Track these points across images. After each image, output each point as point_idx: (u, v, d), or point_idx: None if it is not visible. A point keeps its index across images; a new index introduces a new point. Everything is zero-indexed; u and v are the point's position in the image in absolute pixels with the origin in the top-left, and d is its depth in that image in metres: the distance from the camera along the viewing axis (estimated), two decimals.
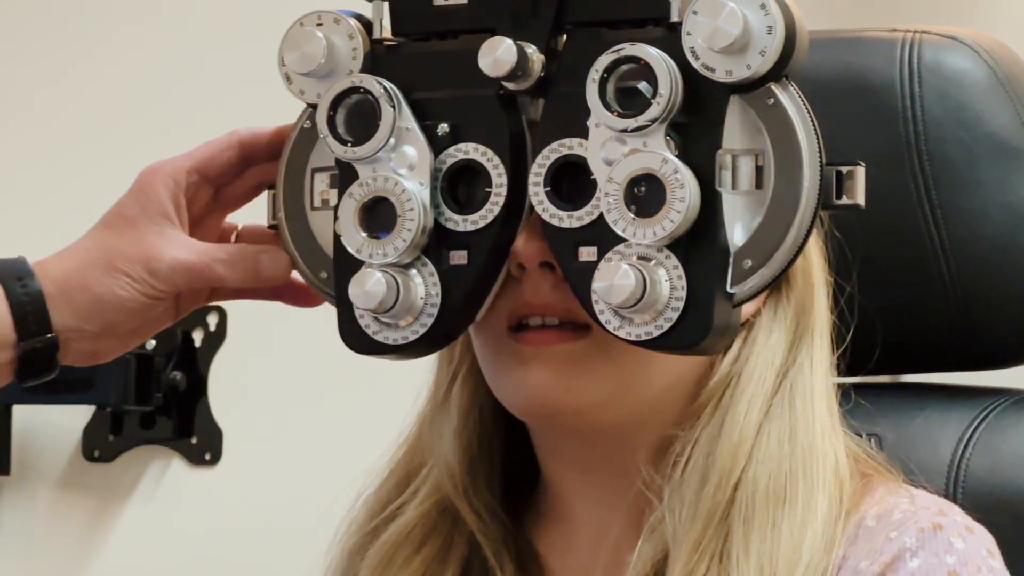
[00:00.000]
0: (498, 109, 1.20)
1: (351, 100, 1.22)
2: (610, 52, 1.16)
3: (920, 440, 1.40)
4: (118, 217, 1.26)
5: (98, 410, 2.03)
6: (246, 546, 1.98)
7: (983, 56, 1.43)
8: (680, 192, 1.14)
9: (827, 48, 1.42)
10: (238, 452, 2.04)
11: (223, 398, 2.03)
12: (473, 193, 1.21)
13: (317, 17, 1.23)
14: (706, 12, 1.14)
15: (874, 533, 1.23)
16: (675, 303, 1.15)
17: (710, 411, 1.25)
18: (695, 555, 1.21)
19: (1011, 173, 1.40)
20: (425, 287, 1.20)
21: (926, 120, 1.41)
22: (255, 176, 1.30)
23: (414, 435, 1.35)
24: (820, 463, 1.24)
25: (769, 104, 1.15)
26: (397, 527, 1.31)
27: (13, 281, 1.24)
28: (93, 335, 1.25)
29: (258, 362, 2.02)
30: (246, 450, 2.04)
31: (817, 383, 1.27)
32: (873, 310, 1.35)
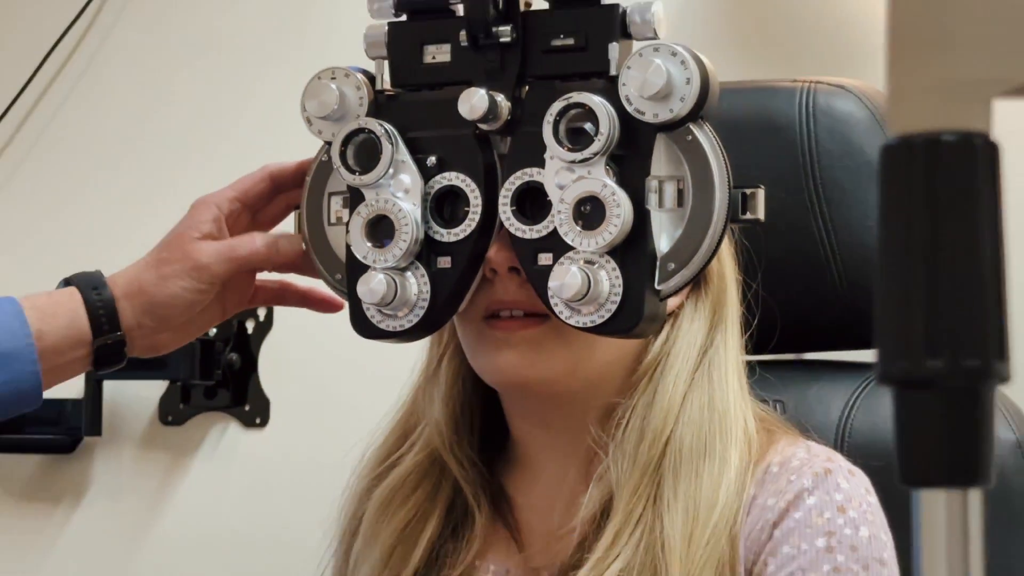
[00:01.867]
0: (475, 145, 1.20)
1: (358, 138, 1.22)
2: (562, 100, 1.16)
3: (814, 405, 1.40)
4: (170, 236, 1.27)
5: (171, 384, 2.03)
6: (288, 493, 1.97)
7: (864, 101, 1.43)
8: (617, 210, 1.14)
9: (742, 95, 1.42)
10: (282, 417, 2.04)
11: (270, 374, 2.03)
12: (455, 211, 1.21)
13: (332, 72, 1.23)
14: (637, 68, 1.14)
15: (777, 477, 1.23)
16: (614, 297, 1.15)
17: (645, 383, 1.25)
18: (634, 498, 1.22)
19: None
20: (418, 286, 1.20)
21: (820, 152, 1.42)
22: (284, 200, 1.30)
23: (409, 402, 1.35)
24: (733, 424, 1.25)
25: (688, 140, 1.15)
26: (396, 474, 1.32)
27: (90, 290, 1.23)
28: (152, 330, 1.25)
29: (297, 345, 2.02)
30: (288, 415, 2.03)
31: (730, 361, 1.27)
32: (776, 301, 1.35)
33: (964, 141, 0.53)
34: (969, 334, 0.53)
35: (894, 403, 0.55)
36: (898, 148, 0.54)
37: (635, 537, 1.20)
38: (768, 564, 1.20)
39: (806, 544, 1.20)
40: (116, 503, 2.05)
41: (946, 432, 0.54)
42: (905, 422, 0.55)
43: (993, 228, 0.53)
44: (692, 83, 1.14)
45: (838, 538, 1.20)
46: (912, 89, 0.54)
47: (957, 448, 0.54)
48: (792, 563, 1.19)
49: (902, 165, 0.54)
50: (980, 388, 0.54)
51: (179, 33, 2.08)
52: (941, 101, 0.53)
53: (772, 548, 1.20)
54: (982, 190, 0.53)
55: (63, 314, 1.22)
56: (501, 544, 1.30)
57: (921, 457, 0.54)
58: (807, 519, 1.21)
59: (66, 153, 2.11)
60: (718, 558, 1.20)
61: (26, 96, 2.10)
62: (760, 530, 1.21)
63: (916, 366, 0.54)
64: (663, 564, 1.19)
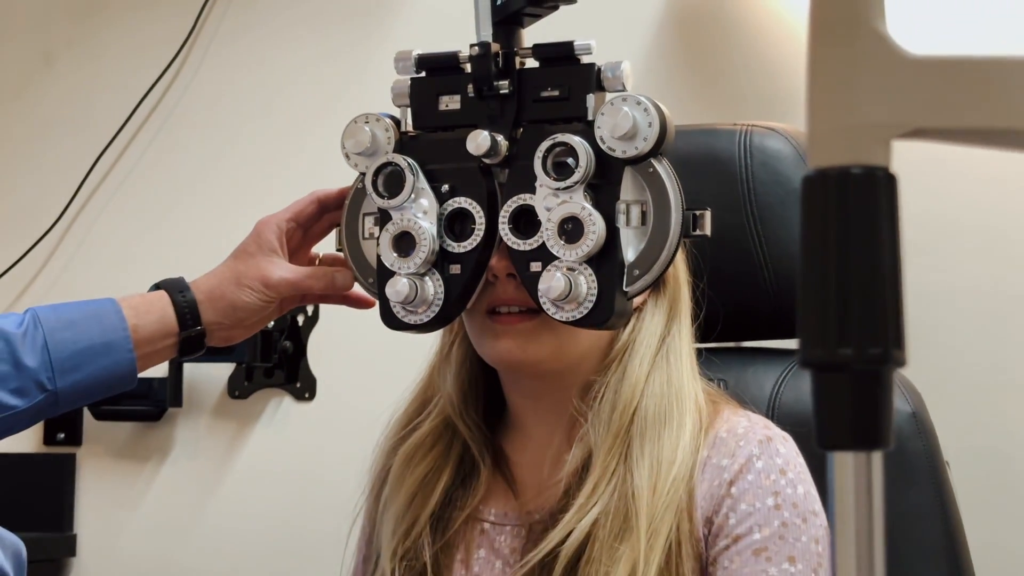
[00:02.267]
0: (479, 176, 1.20)
1: (387, 170, 1.21)
2: (549, 139, 1.16)
3: (751, 383, 1.39)
4: (243, 252, 1.26)
5: (237, 366, 2.03)
6: (331, 454, 1.97)
7: (791, 141, 1.42)
8: (593, 227, 1.14)
9: (693, 135, 1.41)
10: (327, 392, 2.03)
11: (317, 357, 2.03)
12: (464, 228, 1.20)
13: (365, 117, 1.23)
14: (609, 114, 1.14)
15: (727, 441, 1.23)
16: (590, 297, 1.15)
17: (616, 364, 1.25)
18: (609, 455, 1.21)
19: None
20: (434, 288, 1.20)
21: (755, 181, 1.40)
22: (328, 219, 1.30)
23: (426, 378, 1.35)
24: (687, 398, 1.24)
25: (650, 171, 1.15)
26: (417, 436, 1.31)
27: (177, 293, 1.24)
28: (227, 327, 1.25)
29: (338, 334, 2.02)
30: (332, 391, 2.03)
31: (684, 347, 1.27)
32: (720, 300, 1.34)
33: (869, 173, 0.53)
34: (872, 327, 0.53)
35: (812, 383, 0.55)
36: (816, 179, 0.54)
37: (610, 487, 1.20)
38: (729, 517, 1.19)
39: (759, 503, 1.19)
40: (194, 461, 2.05)
41: (854, 406, 0.54)
42: (821, 398, 0.54)
43: (892, 242, 0.53)
44: (653, 126, 1.14)
45: (783, 497, 1.20)
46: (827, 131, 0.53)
47: (862, 419, 0.53)
48: (749, 519, 1.19)
49: (819, 192, 0.53)
50: (881, 371, 0.53)
51: (245, 87, 2.08)
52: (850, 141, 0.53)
53: (731, 504, 1.20)
54: (883, 213, 0.53)
55: (154, 312, 1.23)
56: (500, 493, 1.29)
57: (834, 426, 0.54)
58: (757, 481, 1.20)
59: (153, 184, 2.11)
60: (676, 505, 1.19)
61: (122, 136, 2.10)
62: (718, 486, 1.21)
63: (830, 353, 0.53)
64: (633, 508, 1.18)
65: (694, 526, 1.20)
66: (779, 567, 1.17)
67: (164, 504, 2.06)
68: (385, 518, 1.30)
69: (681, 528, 1.19)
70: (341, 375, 2.02)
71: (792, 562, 1.17)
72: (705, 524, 1.20)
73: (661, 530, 1.18)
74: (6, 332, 1.18)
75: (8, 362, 1.17)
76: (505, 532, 1.28)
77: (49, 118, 2.15)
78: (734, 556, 1.18)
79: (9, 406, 1.17)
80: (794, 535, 1.18)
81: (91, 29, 2.14)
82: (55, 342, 1.19)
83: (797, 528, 1.19)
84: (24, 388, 1.18)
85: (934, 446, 1.37)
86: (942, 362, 1.71)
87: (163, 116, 2.10)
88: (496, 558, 1.27)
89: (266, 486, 2.02)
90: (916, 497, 1.36)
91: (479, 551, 1.28)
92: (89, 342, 1.19)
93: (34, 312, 1.20)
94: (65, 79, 2.15)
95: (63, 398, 1.20)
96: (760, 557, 1.17)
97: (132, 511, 2.06)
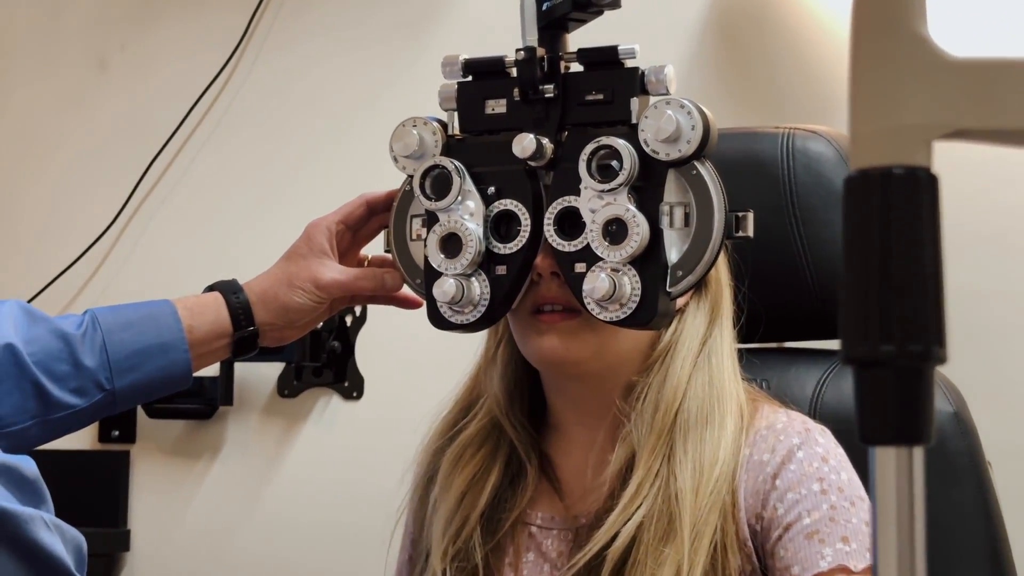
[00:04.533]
0: (525, 178, 1.20)
1: (434, 173, 1.22)
2: (594, 142, 1.16)
3: (792, 383, 1.39)
4: (294, 254, 1.27)
5: (287, 365, 2.04)
6: (377, 452, 1.97)
7: (833, 143, 1.41)
8: (637, 229, 1.14)
9: (736, 139, 1.41)
10: (374, 391, 2.04)
11: (364, 357, 2.03)
12: (510, 230, 1.20)
13: (413, 121, 1.24)
14: (653, 117, 1.14)
15: (767, 437, 1.22)
16: (634, 298, 1.15)
17: (658, 365, 1.24)
18: (652, 456, 1.21)
19: None
20: (480, 288, 1.20)
21: (797, 184, 1.40)
22: (377, 221, 1.30)
23: (470, 381, 1.35)
24: (728, 398, 1.24)
25: (693, 173, 1.15)
26: (464, 436, 1.31)
27: (230, 294, 1.25)
28: (280, 327, 1.26)
29: (385, 335, 2.02)
30: (379, 390, 2.04)
31: (725, 348, 1.26)
32: (762, 301, 1.33)
33: (910, 174, 0.53)
34: (914, 325, 0.53)
35: (855, 379, 0.55)
36: (858, 179, 0.54)
37: (654, 488, 1.19)
38: (777, 508, 1.19)
39: (804, 489, 1.19)
40: (244, 459, 2.07)
41: (896, 402, 0.54)
42: (863, 394, 0.55)
43: (933, 241, 0.53)
44: (696, 129, 1.14)
45: (828, 482, 1.19)
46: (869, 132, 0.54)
47: (904, 415, 0.54)
48: (798, 506, 1.18)
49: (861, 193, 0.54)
50: (923, 367, 0.54)
51: (296, 91, 2.10)
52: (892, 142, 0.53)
53: (778, 495, 1.19)
54: (925, 212, 0.53)
55: (209, 313, 1.24)
56: (546, 497, 1.29)
57: (876, 421, 0.54)
58: (800, 469, 1.20)
59: (205, 186, 2.13)
60: (720, 505, 1.19)
61: (175, 139, 2.12)
62: (762, 481, 1.20)
63: (873, 350, 0.54)
64: (677, 511, 1.18)
65: (739, 526, 1.20)
66: (833, 547, 1.16)
67: (214, 500, 2.07)
68: (435, 519, 1.30)
69: (726, 529, 1.19)
70: (388, 374, 2.02)
71: (846, 542, 1.17)
72: (755, 521, 1.20)
73: (705, 532, 1.17)
74: (66, 333, 1.19)
75: (68, 362, 1.19)
76: (552, 536, 1.28)
77: (104, 122, 2.17)
78: (788, 544, 1.18)
79: (69, 405, 1.19)
80: (844, 517, 1.18)
81: (144, 34, 2.17)
82: (113, 343, 1.20)
83: (846, 511, 1.18)
84: (83, 388, 1.19)
85: (976, 446, 1.37)
86: (984, 362, 1.70)
87: (215, 119, 2.12)
88: (544, 562, 1.27)
89: (314, 483, 2.03)
90: (958, 496, 1.35)
91: (527, 554, 1.28)
92: (146, 343, 1.21)
93: (93, 313, 1.22)
94: (119, 83, 2.17)
95: (120, 397, 1.21)
96: (813, 540, 1.17)
97: (184, 507, 2.08)
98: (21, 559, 0.87)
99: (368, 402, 2.03)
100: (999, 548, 1.35)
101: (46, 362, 1.18)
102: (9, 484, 0.88)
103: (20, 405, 1.17)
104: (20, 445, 1.15)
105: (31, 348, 1.17)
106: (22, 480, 0.90)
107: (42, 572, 0.88)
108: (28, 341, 1.18)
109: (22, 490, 0.89)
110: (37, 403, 1.18)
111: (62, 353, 1.19)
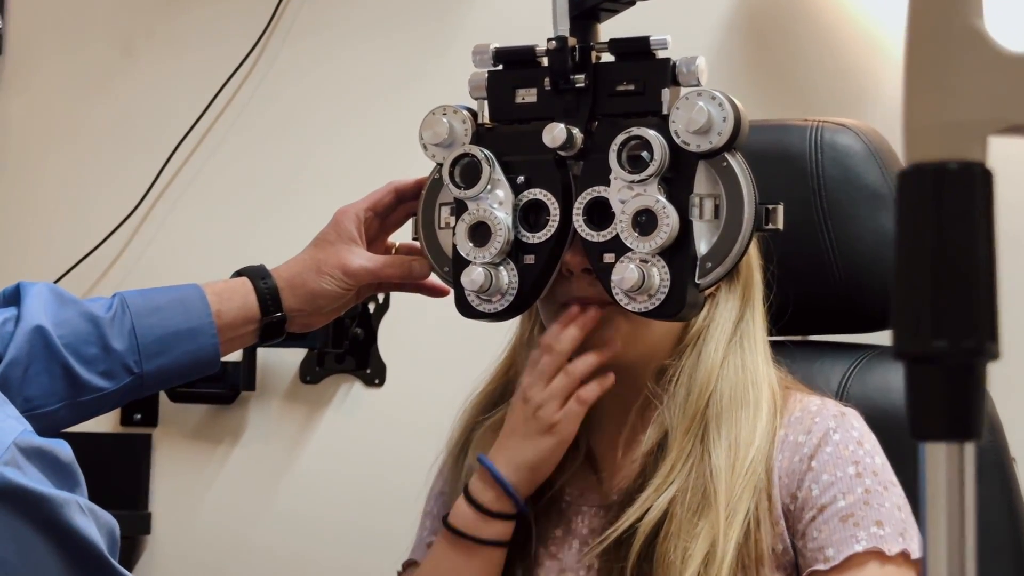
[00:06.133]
0: (554, 168, 1.20)
1: (464, 161, 1.22)
2: (624, 133, 1.16)
3: (818, 376, 1.38)
4: (323, 240, 1.28)
5: (309, 351, 2.03)
6: (398, 438, 1.96)
7: (861, 137, 1.40)
8: (667, 220, 1.14)
9: (765, 131, 1.40)
10: (396, 379, 2.03)
11: (387, 344, 2.03)
12: (539, 219, 1.21)
13: (443, 109, 1.24)
14: (684, 108, 1.14)
15: (801, 420, 1.22)
16: (663, 289, 1.15)
17: (690, 349, 1.24)
18: (686, 437, 1.21)
19: (877, 210, 1.38)
20: (508, 277, 1.20)
21: (825, 176, 1.39)
22: (405, 209, 1.31)
23: (505, 361, 1.33)
24: (762, 382, 1.23)
25: (724, 166, 1.15)
26: (501, 414, 1.29)
27: (259, 280, 1.25)
28: (307, 314, 1.27)
29: (408, 322, 2.02)
30: (401, 378, 2.03)
31: (758, 333, 1.26)
32: (790, 294, 1.33)
33: (965, 169, 0.53)
34: (967, 320, 0.53)
35: (906, 374, 0.55)
36: (913, 173, 0.54)
37: (687, 467, 1.20)
38: (812, 489, 1.19)
39: (840, 471, 1.19)
40: (266, 444, 2.07)
41: (947, 397, 0.54)
42: (914, 389, 0.54)
43: (987, 237, 0.53)
44: (728, 121, 1.14)
45: (863, 465, 1.20)
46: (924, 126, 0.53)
47: (955, 410, 0.54)
48: (833, 488, 1.19)
49: (915, 187, 0.53)
50: (975, 363, 0.53)
51: (321, 78, 2.09)
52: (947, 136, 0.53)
53: (814, 476, 1.19)
54: (979, 208, 0.53)
55: (237, 298, 1.24)
56: (579, 473, 1.28)
57: (927, 417, 0.54)
58: (836, 452, 1.20)
59: (229, 172, 2.13)
60: (755, 484, 1.19)
61: (200, 125, 2.12)
62: (798, 462, 1.20)
63: (925, 345, 0.53)
64: (712, 486, 1.18)
65: (773, 504, 1.20)
66: (867, 531, 1.17)
67: (236, 485, 2.07)
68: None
69: (760, 507, 1.19)
70: (410, 362, 2.02)
71: (880, 526, 1.17)
72: (790, 500, 1.20)
73: (739, 508, 1.17)
74: (95, 316, 1.20)
75: (97, 345, 1.19)
76: (583, 512, 1.28)
77: (129, 107, 2.17)
78: (822, 525, 1.18)
79: (98, 387, 1.19)
80: (878, 501, 1.18)
81: (170, 20, 2.16)
82: (142, 327, 1.21)
83: (880, 495, 1.18)
84: (112, 371, 1.20)
85: (1001, 443, 1.36)
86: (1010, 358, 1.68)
87: (240, 106, 2.11)
88: (573, 538, 1.27)
89: (335, 469, 2.03)
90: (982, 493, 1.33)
91: (556, 531, 1.28)
92: (175, 327, 1.21)
93: (122, 296, 1.22)
94: (144, 69, 2.17)
95: (148, 381, 1.22)
96: (848, 523, 1.17)
97: (205, 491, 2.08)
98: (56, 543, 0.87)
99: (390, 390, 2.03)
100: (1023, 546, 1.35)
101: (75, 345, 1.18)
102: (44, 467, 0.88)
103: (49, 387, 1.17)
104: (48, 427, 1.15)
105: (61, 331, 1.18)
106: (57, 463, 0.90)
107: (75, 556, 0.88)
108: (58, 324, 1.18)
109: (57, 474, 0.89)
110: (66, 385, 1.18)
111: (91, 336, 1.19)
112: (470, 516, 1.23)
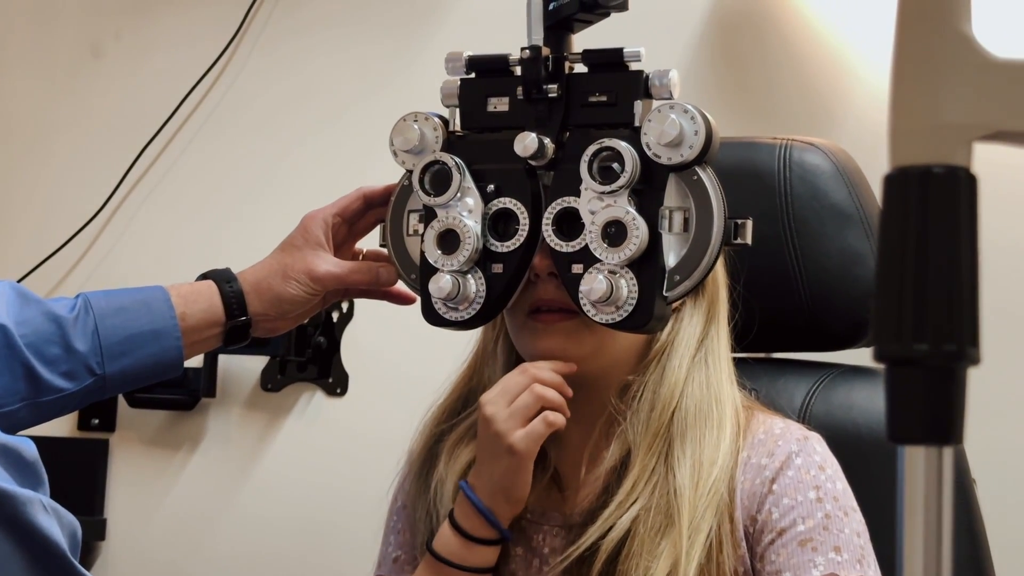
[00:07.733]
0: (525, 177, 1.20)
1: (434, 168, 1.21)
2: (596, 144, 1.15)
3: (781, 393, 1.38)
4: (290, 245, 1.27)
5: (271, 359, 2.02)
6: (360, 448, 1.96)
7: (829, 156, 1.40)
8: (636, 232, 1.14)
9: (735, 148, 1.40)
10: (358, 388, 2.02)
11: (349, 354, 2.02)
12: (508, 228, 1.20)
13: (414, 116, 1.23)
14: (656, 120, 1.14)
15: (764, 442, 1.22)
16: (631, 300, 1.14)
17: (654, 365, 1.23)
18: (649, 454, 1.20)
19: (844, 228, 1.37)
20: (476, 286, 1.20)
21: (793, 194, 1.39)
22: (373, 215, 1.30)
23: (468, 369, 1.32)
24: (726, 401, 1.23)
25: (694, 179, 1.14)
26: (463, 426, 1.28)
27: (224, 283, 1.24)
28: (273, 318, 1.26)
29: (371, 331, 2.01)
30: (363, 387, 2.02)
31: (722, 350, 1.25)
32: (755, 310, 1.33)
33: (950, 173, 0.53)
34: (948, 324, 0.53)
35: (886, 377, 0.54)
36: (897, 177, 0.54)
37: (650, 485, 1.19)
38: (772, 512, 1.18)
39: (801, 496, 1.18)
40: (225, 451, 2.05)
41: (927, 401, 0.53)
42: (894, 392, 0.54)
43: (971, 242, 0.52)
44: (699, 134, 1.14)
45: (824, 491, 1.19)
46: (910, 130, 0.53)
47: (935, 414, 0.53)
48: (793, 511, 1.18)
49: (900, 191, 0.53)
50: (955, 367, 0.53)
51: (291, 84, 2.08)
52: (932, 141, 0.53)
53: (774, 500, 1.19)
54: (963, 213, 0.53)
55: (202, 301, 1.23)
56: (540, 491, 1.27)
57: (906, 420, 0.54)
58: (798, 476, 1.19)
59: (196, 175, 2.12)
60: (718, 504, 1.18)
61: (167, 128, 2.11)
62: (760, 484, 1.20)
63: (905, 348, 0.53)
64: (675, 506, 1.17)
65: (735, 525, 1.19)
66: (825, 556, 1.16)
67: (193, 492, 2.06)
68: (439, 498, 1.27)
69: (722, 527, 1.18)
70: (373, 372, 2.01)
71: (838, 552, 1.16)
72: (751, 523, 1.19)
73: (702, 527, 1.17)
74: (58, 316, 1.18)
75: (59, 345, 1.17)
76: (543, 531, 1.27)
77: (96, 109, 2.15)
78: (780, 549, 1.17)
79: (59, 388, 1.18)
80: (837, 527, 1.18)
81: (139, 22, 2.15)
82: (105, 328, 1.19)
83: (840, 520, 1.18)
84: (74, 371, 1.18)
85: (963, 464, 1.36)
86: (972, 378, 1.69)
87: (208, 109, 2.10)
88: (534, 556, 1.26)
89: (295, 478, 2.02)
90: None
91: (516, 549, 1.27)
92: (138, 329, 1.20)
93: (85, 297, 1.21)
94: (112, 71, 2.16)
95: (111, 383, 1.20)
96: (806, 547, 1.17)
97: (162, 498, 2.06)
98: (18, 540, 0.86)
99: (351, 399, 2.02)
100: (983, 568, 1.35)
101: (37, 344, 1.17)
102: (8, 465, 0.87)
103: (10, 387, 1.15)
104: (8, 427, 1.13)
105: (23, 330, 1.16)
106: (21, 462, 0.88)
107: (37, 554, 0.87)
108: (20, 323, 1.16)
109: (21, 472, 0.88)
110: (27, 385, 1.16)
111: (54, 336, 1.17)
112: (455, 543, 1.22)
